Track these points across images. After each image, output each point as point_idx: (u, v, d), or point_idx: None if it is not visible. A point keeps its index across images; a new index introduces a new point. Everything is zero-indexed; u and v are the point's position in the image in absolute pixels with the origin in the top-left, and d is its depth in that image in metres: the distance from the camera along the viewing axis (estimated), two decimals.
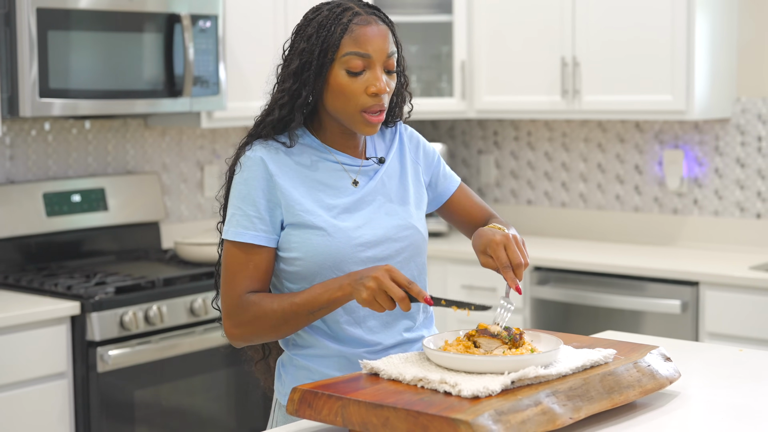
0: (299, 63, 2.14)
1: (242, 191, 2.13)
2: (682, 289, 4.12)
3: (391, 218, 2.20)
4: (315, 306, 2.05)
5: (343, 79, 2.11)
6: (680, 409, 2.02)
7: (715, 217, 4.65)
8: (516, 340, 2.00)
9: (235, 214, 2.13)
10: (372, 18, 2.14)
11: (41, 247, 4.10)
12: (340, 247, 2.12)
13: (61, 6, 3.68)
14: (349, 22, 2.11)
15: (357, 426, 1.83)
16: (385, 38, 2.13)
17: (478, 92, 4.91)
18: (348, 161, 2.21)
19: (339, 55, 2.10)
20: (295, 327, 2.09)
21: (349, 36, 2.10)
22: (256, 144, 2.16)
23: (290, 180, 2.13)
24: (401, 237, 2.20)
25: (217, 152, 4.76)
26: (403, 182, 2.27)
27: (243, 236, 2.11)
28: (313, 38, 2.12)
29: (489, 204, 5.32)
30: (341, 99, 2.12)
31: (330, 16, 2.12)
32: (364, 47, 2.10)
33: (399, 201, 2.23)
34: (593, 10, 4.53)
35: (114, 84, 3.88)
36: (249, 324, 2.10)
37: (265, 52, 4.46)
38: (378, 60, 2.11)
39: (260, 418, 4.07)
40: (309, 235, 2.11)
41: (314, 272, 2.12)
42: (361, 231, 2.15)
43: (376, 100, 2.12)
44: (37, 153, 4.16)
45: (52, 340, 3.52)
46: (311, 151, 2.18)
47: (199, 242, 4.13)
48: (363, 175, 2.22)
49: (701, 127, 4.64)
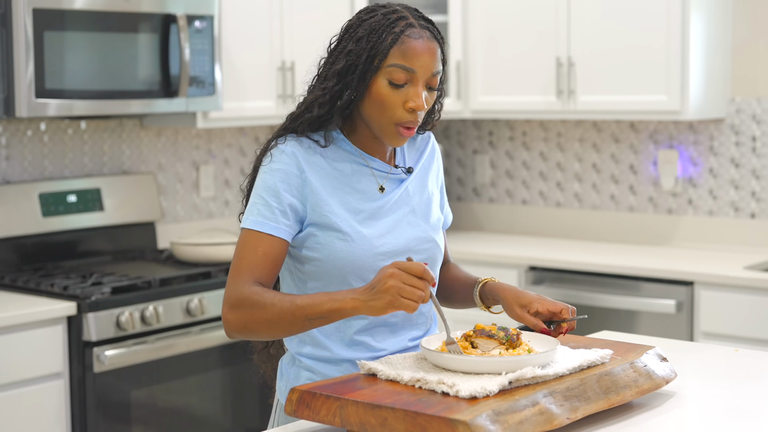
0: (345, 64, 2.10)
1: (268, 182, 2.10)
2: (677, 289, 4.14)
3: (413, 229, 2.19)
4: (315, 313, 1.98)
5: (384, 89, 2.08)
6: (676, 409, 2.03)
7: (710, 216, 4.66)
8: (513, 341, 2.01)
9: (256, 203, 2.10)
10: (424, 33, 2.10)
11: (37, 248, 4.10)
12: (361, 254, 2.10)
13: (57, 6, 3.68)
14: (401, 33, 2.08)
15: (355, 426, 1.83)
16: (433, 56, 2.09)
17: (474, 92, 4.92)
18: (378, 166, 2.19)
19: (385, 64, 2.07)
20: (288, 329, 2.03)
21: (398, 47, 2.07)
22: (290, 138, 2.14)
23: (320, 179, 2.11)
24: (421, 249, 2.19)
25: (212, 152, 4.76)
26: (425, 194, 2.25)
27: (263, 226, 2.08)
28: (362, 41, 2.09)
29: (484, 204, 5.34)
30: (378, 108, 2.10)
31: (383, 22, 2.09)
32: (410, 61, 2.07)
33: (421, 213, 2.22)
34: (588, 11, 4.54)
35: (110, 84, 3.88)
36: (245, 312, 2.03)
37: (261, 53, 4.47)
38: (422, 77, 2.09)
39: (256, 418, 4.08)
40: (332, 238, 2.10)
41: (331, 275, 2.11)
42: (384, 240, 2.13)
43: (413, 116, 2.10)
44: (33, 153, 4.16)
45: (48, 341, 3.52)
46: (343, 152, 2.16)
47: (195, 242, 4.13)
48: (390, 182, 2.20)
49: (696, 127, 4.65)
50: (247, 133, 4.89)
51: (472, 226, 5.36)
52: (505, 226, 5.28)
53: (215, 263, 4.10)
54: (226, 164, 4.82)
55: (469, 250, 4.67)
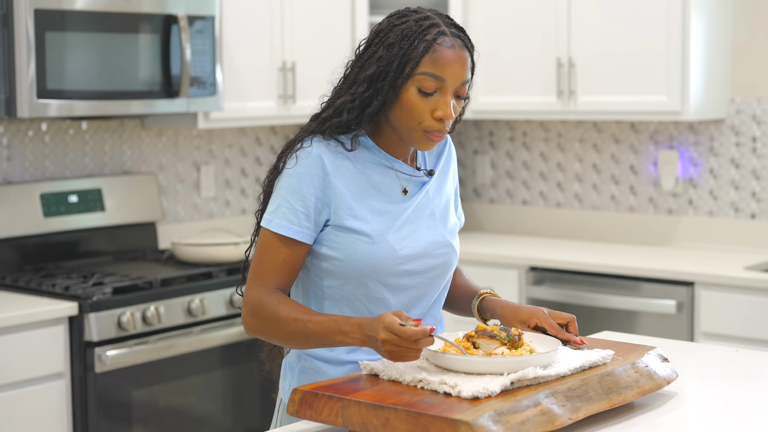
0: (375, 70, 2.09)
1: (293, 184, 2.10)
2: (678, 289, 4.14)
3: (431, 233, 2.19)
4: (325, 340, 2.02)
5: (413, 97, 2.08)
6: (678, 410, 2.03)
7: (710, 217, 4.66)
8: (515, 341, 2.01)
9: (281, 205, 2.10)
10: (456, 41, 2.09)
11: (38, 248, 4.10)
12: (382, 257, 2.10)
13: (58, 7, 3.69)
14: (434, 41, 2.07)
15: (357, 427, 1.84)
16: (463, 65, 2.09)
17: (474, 93, 4.92)
18: (401, 169, 2.19)
19: (416, 72, 2.07)
20: (303, 346, 2.08)
21: (430, 55, 2.06)
22: (315, 140, 2.13)
23: (345, 181, 2.11)
24: (438, 254, 2.19)
25: (213, 153, 4.77)
26: (444, 197, 2.26)
27: (287, 230, 2.08)
28: (394, 48, 2.08)
29: (485, 204, 5.34)
30: (406, 115, 2.09)
31: (415, 29, 2.08)
32: (441, 70, 2.07)
33: (440, 216, 2.22)
34: (589, 11, 4.54)
35: (111, 85, 3.88)
36: (261, 321, 2.08)
37: (262, 53, 4.48)
38: (452, 86, 2.09)
39: (257, 419, 4.08)
40: (353, 239, 2.10)
41: (349, 275, 2.12)
42: (404, 243, 2.13)
43: (441, 124, 2.10)
44: (34, 153, 4.16)
45: (49, 341, 3.53)
46: (368, 154, 2.16)
47: (196, 242, 4.14)
48: (413, 184, 2.20)
49: (696, 127, 4.66)
50: (248, 134, 4.89)
51: (472, 227, 5.37)
52: (506, 226, 5.28)
53: (216, 263, 4.10)
54: (226, 164, 4.82)
55: (469, 251, 4.67)
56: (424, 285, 2.17)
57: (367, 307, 2.13)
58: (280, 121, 4.58)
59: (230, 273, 4.03)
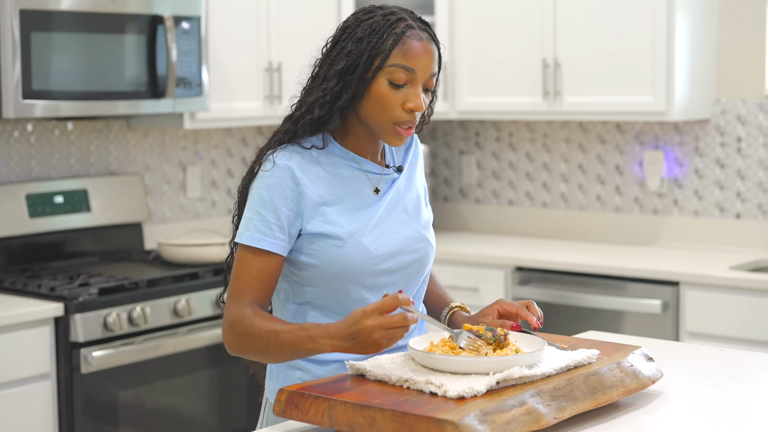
0: (345, 64, 2.10)
1: (264, 197, 2.09)
2: (663, 289, 4.15)
3: (405, 229, 2.19)
4: (298, 350, 1.99)
5: (384, 89, 2.09)
6: (662, 409, 2.04)
7: (695, 217, 4.68)
8: (500, 341, 2.02)
9: (252, 218, 2.10)
10: (424, 35, 2.12)
11: (24, 249, 4.09)
12: (358, 259, 2.10)
13: (44, 7, 3.68)
14: (402, 34, 2.09)
15: (344, 426, 1.84)
16: (431, 57, 2.13)
17: (460, 93, 4.93)
18: (371, 168, 2.19)
19: (386, 64, 2.08)
20: (278, 359, 2.07)
21: (400, 47, 2.09)
22: (283, 150, 2.13)
23: (316, 188, 2.11)
24: (414, 249, 2.19)
25: (199, 153, 4.76)
26: (414, 192, 2.26)
27: (260, 242, 2.08)
28: (363, 42, 2.09)
29: (471, 204, 5.35)
30: (377, 107, 2.10)
31: (383, 23, 2.10)
32: (411, 62, 2.09)
33: (412, 211, 2.23)
34: (574, 12, 4.55)
35: (97, 85, 3.87)
36: (238, 337, 2.07)
37: (248, 54, 4.48)
38: (421, 77, 2.11)
39: (243, 419, 4.08)
40: (328, 245, 2.10)
41: (328, 281, 2.11)
42: (379, 242, 2.13)
43: (411, 116, 2.11)
44: (19, 154, 4.15)
45: (35, 342, 3.52)
46: (336, 158, 2.16)
47: (183, 243, 4.13)
48: (384, 182, 2.20)
49: (681, 128, 4.67)
50: (234, 134, 4.89)
51: (458, 227, 5.37)
52: (492, 226, 5.29)
53: (202, 264, 4.10)
54: (213, 165, 4.82)
55: (455, 251, 4.68)
56: (402, 282, 2.17)
57: (348, 310, 2.11)
58: (267, 121, 4.58)
59: (216, 273, 4.03)
